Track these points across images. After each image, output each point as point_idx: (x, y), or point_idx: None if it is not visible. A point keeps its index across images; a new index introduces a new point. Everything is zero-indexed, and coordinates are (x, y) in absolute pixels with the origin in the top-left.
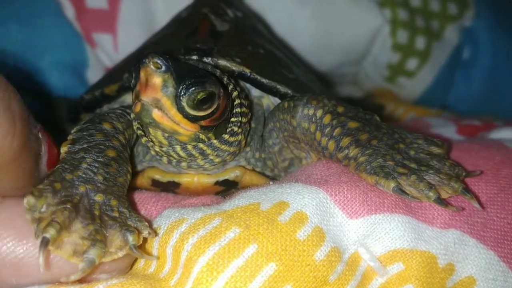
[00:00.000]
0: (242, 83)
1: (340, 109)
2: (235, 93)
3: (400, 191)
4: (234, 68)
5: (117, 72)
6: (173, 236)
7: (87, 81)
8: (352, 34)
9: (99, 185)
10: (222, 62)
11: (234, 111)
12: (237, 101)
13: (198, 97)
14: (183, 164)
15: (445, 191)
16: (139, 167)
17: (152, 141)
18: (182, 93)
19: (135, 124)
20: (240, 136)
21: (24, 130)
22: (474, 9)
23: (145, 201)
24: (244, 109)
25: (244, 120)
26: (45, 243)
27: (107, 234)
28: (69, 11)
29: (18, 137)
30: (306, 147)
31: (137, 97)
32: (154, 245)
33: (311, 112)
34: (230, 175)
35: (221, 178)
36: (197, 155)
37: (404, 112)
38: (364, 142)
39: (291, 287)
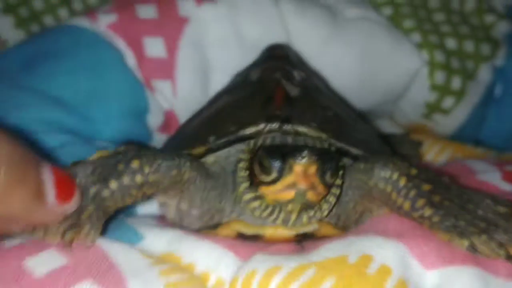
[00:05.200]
0: None
1: (413, 172)
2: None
3: (473, 249)
4: (312, 134)
5: (199, 133)
6: (272, 282)
7: (147, 124)
8: (394, 75)
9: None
10: (301, 129)
11: None
12: None
13: (334, 167)
14: (291, 221)
15: None
16: (224, 220)
17: (274, 211)
18: (328, 170)
19: (258, 203)
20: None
21: (11, 172)
22: (506, 49)
23: (235, 245)
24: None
25: (341, 172)
26: None
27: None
28: (131, 60)
29: (2, 177)
30: (379, 203)
31: (292, 187)
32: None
33: (387, 174)
34: (309, 228)
35: (301, 231)
36: (312, 213)
37: (441, 149)
38: (437, 203)
39: None
